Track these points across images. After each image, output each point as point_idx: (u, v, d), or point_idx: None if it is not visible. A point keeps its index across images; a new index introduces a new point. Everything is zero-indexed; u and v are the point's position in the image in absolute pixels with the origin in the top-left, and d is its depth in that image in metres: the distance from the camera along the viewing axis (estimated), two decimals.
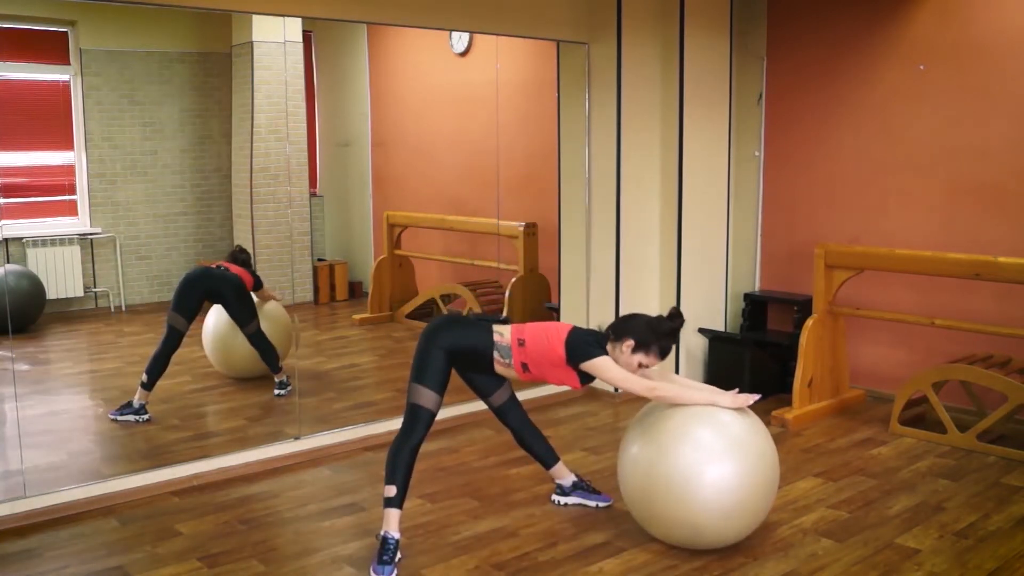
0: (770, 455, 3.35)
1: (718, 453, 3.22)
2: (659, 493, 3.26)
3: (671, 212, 5.55)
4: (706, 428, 3.27)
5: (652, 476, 3.27)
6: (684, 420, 3.30)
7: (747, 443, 3.28)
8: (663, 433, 3.30)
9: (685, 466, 3.20)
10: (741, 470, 3.22)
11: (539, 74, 6.42)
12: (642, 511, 3.40)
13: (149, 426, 4.81)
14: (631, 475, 3.39)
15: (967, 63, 4.97)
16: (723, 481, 3.19)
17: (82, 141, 5.68)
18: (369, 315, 7.29)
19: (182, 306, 4.94)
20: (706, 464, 3.19)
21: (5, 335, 4.87)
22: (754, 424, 3.38)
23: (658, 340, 3.36)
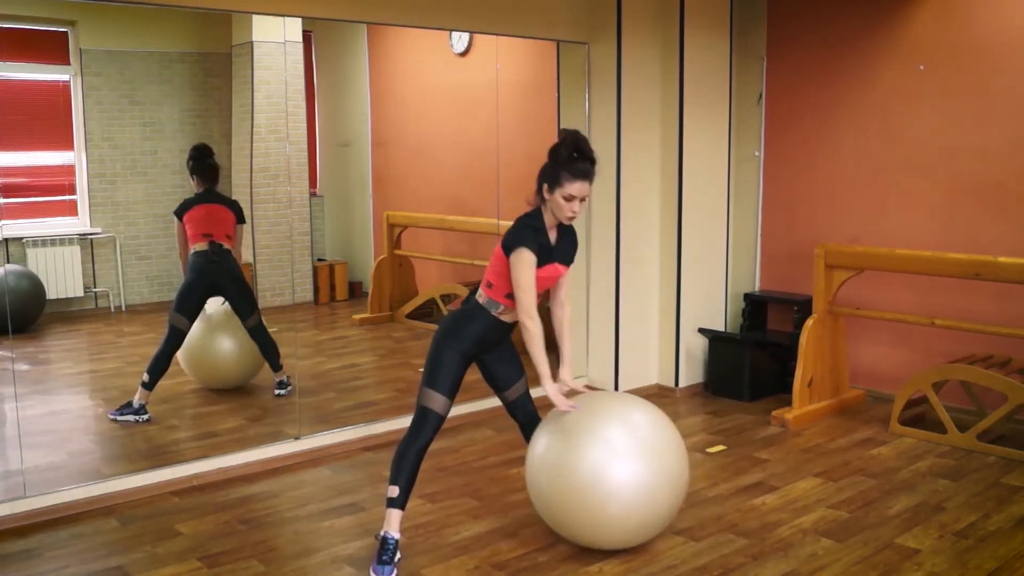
0: (677, 455, 3.33)
1: (626, 453, 3.20)
2: (566, 492, 3.23)
3: (671, 212, 5.55)
4: (617, 427, 3.26)
5: (560, 475, 3.23)
6: (593, 419, 3.28)
7: (654, 443, 3.27)
8: (570, 432, 3.27)
9: (592, 465, 3.18)
10: (648, 470, 3.21)
11: (539, 74, 6.42)
12: (549, 510, 3.34)
13: (149, 426, 4.81)
14: (537, 474, 3.33)
15: (967, 63, 4.97)
16: (630, 480, 3.18)
17: (82, 141, 5.67)
18: (369, 315, 7.29)
19: (185, 306, 4.94)
20: (613, 463, 3.17)
21: (5, 335, 4.86)
22: (662, 424, 3.37)
23: (562, 166, 3.16)
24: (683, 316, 5.62)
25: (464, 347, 3.34)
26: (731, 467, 4.37)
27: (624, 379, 5.59)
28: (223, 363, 5.26)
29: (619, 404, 3.46)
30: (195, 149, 5.16)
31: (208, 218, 5.09)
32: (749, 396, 5.51)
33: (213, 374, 5.32)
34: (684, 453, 3.39)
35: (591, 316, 5.62)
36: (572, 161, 3.16)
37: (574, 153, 3.16)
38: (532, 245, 3.20)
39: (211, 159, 5.15)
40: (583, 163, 3.16)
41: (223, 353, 5.23)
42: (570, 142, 3.18)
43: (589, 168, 3.18)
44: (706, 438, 4.84)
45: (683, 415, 5.29)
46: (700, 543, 3.51)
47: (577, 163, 3.16)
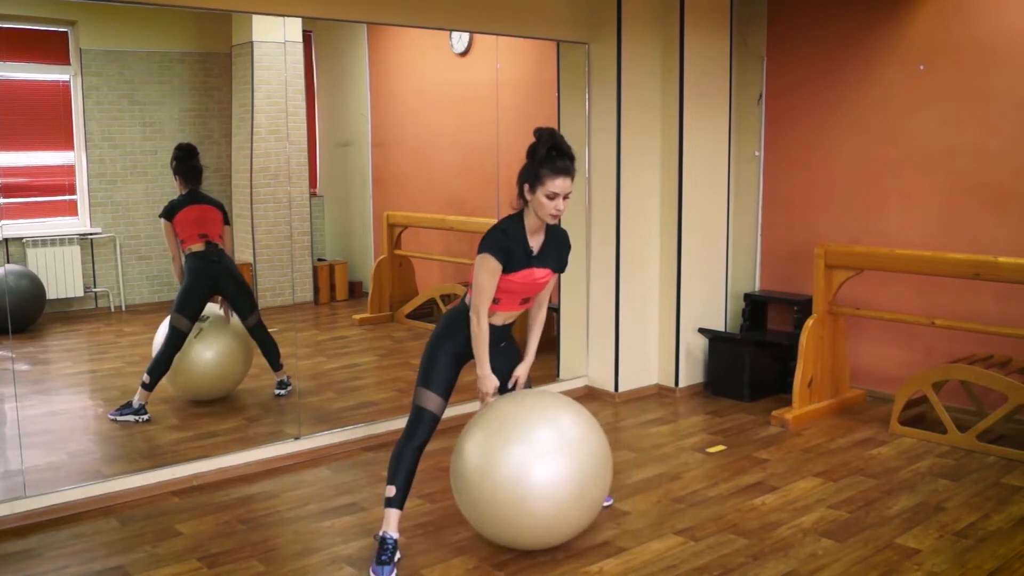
0: (600, 452, 3.33)
1: (549, 451, 3.18)
2: (489, 490, 3.20)
3: (671, 212, 5.55)
4: (544, 427, 3.24)
5: (484, 473, 3.21)
6: (519, 417, 3.26)
7: (576, 441, 3.25)
8: (496, 430, 3.25)
9: (516, 464, 3.16)
10: (571, 467, 3.19)
11: (539, 74, 6.41)
12: (473, 509, 3.31)
13: (149, 426, 4.81)
14: (463, 472, 3.30)
15: (967, 63, 4.97)
16: (553, 478, 3.17)
17: (82, 141, 5.67)
18: (369, 315, 7.29)
19: (186, 307, 4.93)
20: (536, 461, 3.16)
21: (5, 335, 4.86)
22: (586, 422, 3.36)
23: (540, 164, 3.14)
24: (683, 316, 5.62)
25: (457, 347, 3.36)
26: (731, 467, 4.37)
27: (624, 379, 5.59)
28: (203, 375, 5.08)
29: (547, 404, 3.38)
30: (180, 149, 5.11)
31: (201, 219, 5.08)
32: (749, 396, 5.51)
33: (193, 385, 5.12)
34: (608, 454, 3.38)
35: (591, 316, 5.62)
36: (551, 158, 3.13)
37: (552, 150, 3.14)
38: (495, 252, 3.19)
39: (196, 160, 5.11)
40: (562, 159, 3.15)
41: (203, 364, 5.05)
42: (547, 139, 3.15)
43: (569, 164, 3.17)
44: (706, 438, 4.84)
45: (683, 415, 5.29)
46: (700, 543, 3.51)
47: (556, 160, 3.14)
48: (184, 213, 5.03)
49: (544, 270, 3.33)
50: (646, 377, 5.73)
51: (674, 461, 4.47)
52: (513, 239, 3.24)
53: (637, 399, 5.60)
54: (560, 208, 3.19)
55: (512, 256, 3.22)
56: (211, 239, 5.07)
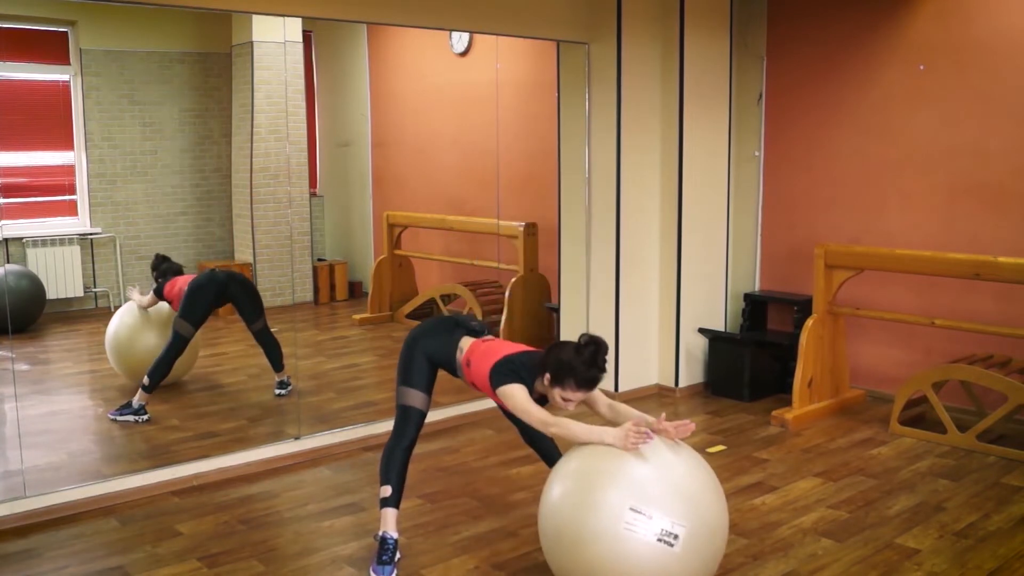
0: (716, 501, 2.86)
1: (655, 499, 2.70)
2: (585, 543, 2.74)
3: (671, 212, 5.55)
4: (645, 467, 2.78)
5: (576, 523, 2.77)
6: (615, 459, 2.82)
7: (692, 490, 2.79)
8: (590, 475, 2.83)
9: (613, 514, 2.69)
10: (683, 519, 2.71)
11: (539, 74, 6.42)
12: (565, 565, 2.86)
13: (149, 426, 4.81)
14: (551, 521, 2.89)
15: (967, 63, 4.97)
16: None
17: (82, 141, 5.67)
18: (369, 315, 7.29)
19: (191, 313, 4.93)
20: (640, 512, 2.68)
21: (5, 335, 4.87)
22: (698, 466, 2.90)
23: (572, 373, 3.01)
24: (683, 316, 5.62)
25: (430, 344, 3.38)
26: (731, 467, 4.37)
27: (624, 379, 5.59)
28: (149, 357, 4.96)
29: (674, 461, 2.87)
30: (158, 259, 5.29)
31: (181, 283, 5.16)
32: (749, 396, 5.51)
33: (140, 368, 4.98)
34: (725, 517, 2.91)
35: (591, 316, 5.62)
36: (586, 371, 3.02)
37: (590, 365, 3.03)
38: (513, 380, 3.11)
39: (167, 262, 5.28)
40: (595, 375, 3.05)
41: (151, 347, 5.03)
42: (590, 355, 3.02)
43: (599, 377, 3.07)
44: (706, 438, 4.84)
45: (683, 415, 5.29)
46: None
47: (589, 374, 3.04)
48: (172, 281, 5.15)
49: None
50: (646, 377, 5.73)
51: None
52: (528, 380, 3.14)
53: (637, 399, 5.59)
54: (570, 408, 3.11)
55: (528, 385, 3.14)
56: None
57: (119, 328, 5.20)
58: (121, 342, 5.19)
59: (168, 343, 4.88)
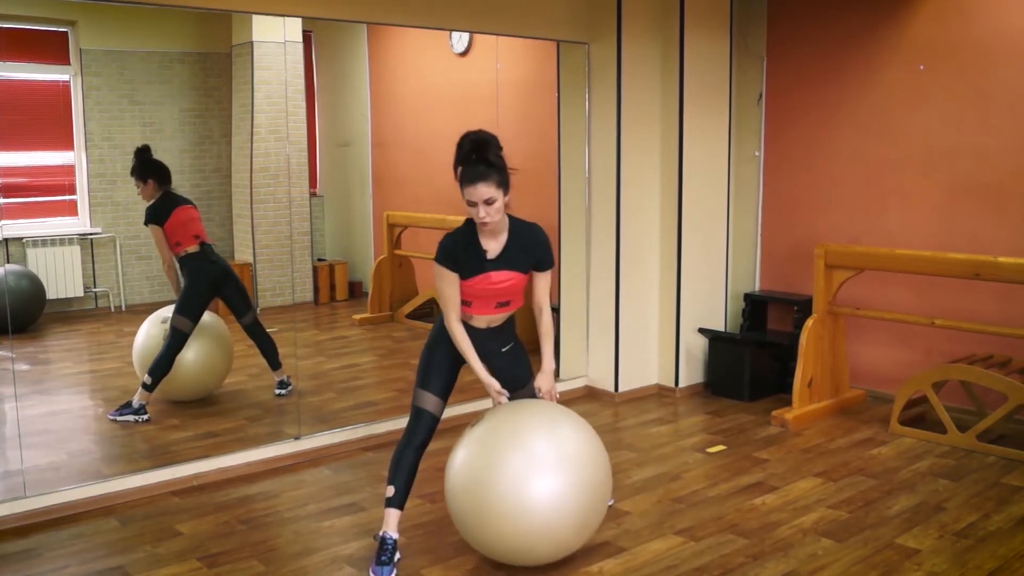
0: (601, 466, 3.23)
1: (549, 465, 3.06)
2: (486, 504, 3.08)
3: (671, 212, 5.55)
4: (541, 439, 3.12)
5: (479, 486, 3.09)
6: (517, 429, 3.16)
7: (577, 456, 3.14)
8: (492, 443, 3.15)
9: (512, 477, 3.03)
10: (569, 482, 3.08)
11: (539, 74, 6.42)
12: (467, 522, 3.18)
13: (149, 426, 4.81)
14: (456, 484, 3.19)
15: (967, 63, 4.97)
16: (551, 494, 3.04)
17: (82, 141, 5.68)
18: (369, 315, 7.29)
19: (188, 308, 4.92)
20: (534, 476, 3.04)
21: (5, 335, 4.87)
22: (587, 435, 3.25)
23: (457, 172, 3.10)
24: (683, 316, 5.62)
25: (453, 349, 3.34)
26: (731, 467, 4.37)
27: (624, 379, 5.59)
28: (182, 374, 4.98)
29: (546, 415, 3.26)
30: (142, 151, 4.98)
31: (191, 219, 5.02)
32: (749, 396, 5.51)
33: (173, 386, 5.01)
34: (608, 469, 3.28)
35: (591, 316, 5.62)
36: (465, 165, 3.07)
37: (466, 156, 3.07)
38: (443, 260, 3.18)
39: (157, 158, 5.00)
40: (473, 167, 3.05)
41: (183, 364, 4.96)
42: (466, 145, 3.08)
43: (483, 170, 3.05)
44: (706, 438, 4.84)
45: (683, 415, 5.29)
46: (700, 543, 3.51)
47: (468, 167, 3.06)
48: (175, 216, 4.94)
49: (505, 273, 3.23)
50: (646, 377, 5.73)
51: (674, 461, 4.47)
52: (463, 244, 3.19)
53: (637, 399, 5.60)
54: (483, 216, 3.10)
55: (461, 262, 3.17)
56: (204, 239, 5.07)
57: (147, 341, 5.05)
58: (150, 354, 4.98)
59: (167, 340, 4.87)
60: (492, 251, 3.23)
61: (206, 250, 5.05)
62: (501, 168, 3.11)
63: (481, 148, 3.08)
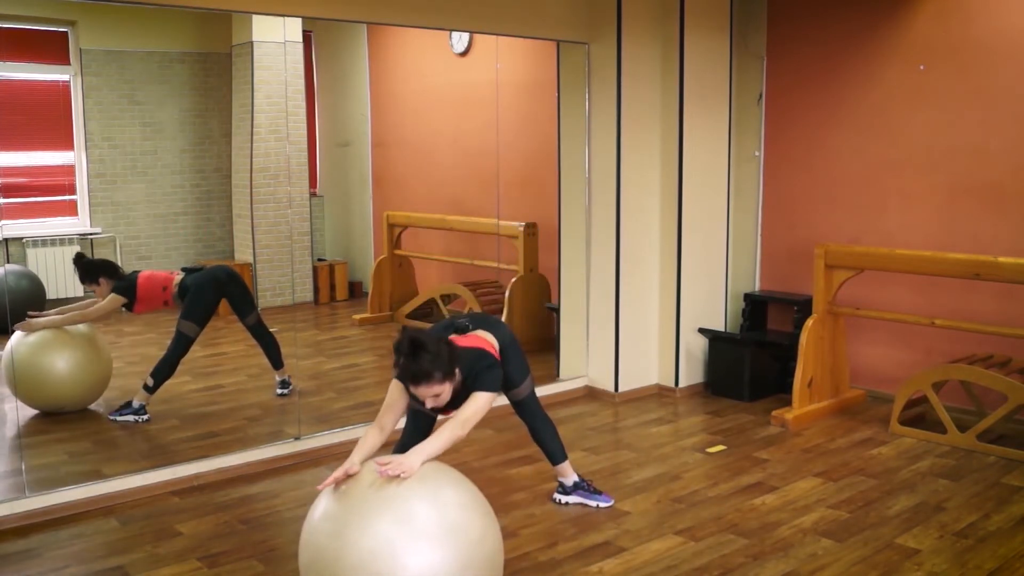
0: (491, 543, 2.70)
1: (427, 535, 2.53)
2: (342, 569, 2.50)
3: (671, 212, 5.55)
4: (421, 502, 2.59)
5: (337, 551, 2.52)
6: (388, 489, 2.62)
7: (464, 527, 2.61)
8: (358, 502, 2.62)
9: (381, 545, 2.48)
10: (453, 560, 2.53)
11: (539, 74, 6.42)
12: None
13: (149, 426, 4.81)
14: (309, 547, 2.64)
15: (967, 63, 4.97)
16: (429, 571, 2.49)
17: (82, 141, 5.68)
18: (369, 315, 7.29)
19: (195, 313, 4.92)
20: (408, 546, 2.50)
21: (5, 335, 4.86)
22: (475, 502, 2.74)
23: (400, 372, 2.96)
24: (683, 316, 5.62)
25: None
26: (731, 467, 4.38)
27: (624, 379, 5.59)
28: (56, 384, 4.78)
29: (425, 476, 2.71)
30: (76, 258, 4.97)
31: (155, 281, 4.99)
32: (749, 396, 5.51)
33: (43, 395, 4.80)
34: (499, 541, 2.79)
35: (591, 316, 5.62)
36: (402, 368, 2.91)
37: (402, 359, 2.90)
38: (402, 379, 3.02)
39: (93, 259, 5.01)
40: (407, 369, 2.90)
41: (56, 374, 4.76)
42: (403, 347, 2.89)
43: (419, 372, 2.88)
44: (706, 438, 4.84)
45: (683, 415, 5.29)
46: (700, 543, 3.51)
47: (407, 368, 2.90)
48: (140, 291, 4.94)
49: (448, 413, 3.17)
50: (646, 377, 5.74)
51: (674, 461, 4.47)
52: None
53: (637, 399, 5.60)
54: (430, 404, 3.01)
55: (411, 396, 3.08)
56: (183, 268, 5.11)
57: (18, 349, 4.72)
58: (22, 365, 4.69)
59: (173, 344, 4.88)
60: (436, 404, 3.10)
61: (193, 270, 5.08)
62: (442, 363, 2.92)
63: (419, 350, 2.89)
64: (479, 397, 3.11)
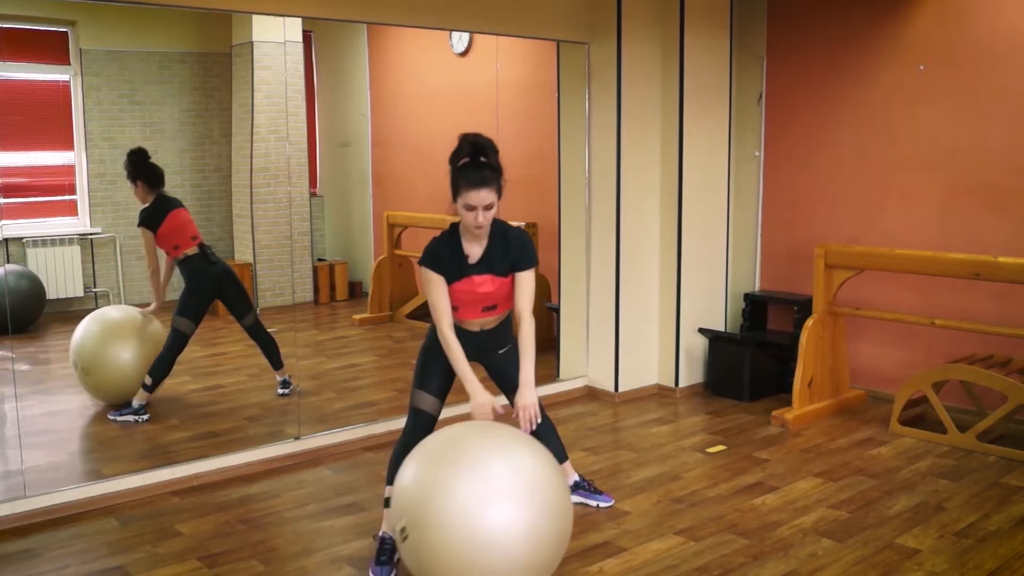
0: (562, 504, 2.87)
1: (507, 493, 2.72)
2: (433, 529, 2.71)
3: (671, 212, 5.55)
4: (500, 462, 2.79)
5: (427, 508, 2.72)
6: (476, 450, 2.84)
7: (541, 487, 2.80)
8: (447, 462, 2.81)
9: (465, 502, 2.68)
10: (529, 516, 2.73)
11: (539, 74, 6.42)
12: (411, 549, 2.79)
13: (149, 426, 4.81)
14: (403, 504, 2.83)
15: (967, 63, 4.97)
16: (509, 526, 2.69)
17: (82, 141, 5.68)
18: (369, 315, 7.29)
19: (189, 310, 4.92)
20: (491, 504, 2.69)
21: (5, 335, 4.87)
22: (550, 467, 2.92)
23: (458, 175, 3.00)
24: (683, 316, 5.62)
25: None
26: (731, 467, 4.37)
27: (624, 379, 5.59)
28: (120, 374, 4.89)
29: (506, 440, 2.93)
30: (136, 153, 4.94)
31: (186, 221, 4.99)
32: (749, 396, 5.51)
33: (108, 385, 4.93)
34: (568, 501, 2.95)
35: (591, 316, 5.62)
36: (467, 169, 2.99)
37: (470, 160, 3.00)
38: (430, 263, 3.12)
39: (152, 161, 4.95)
40: (478, 170, 2.98)
41: (122, 364, 4.88)
42: (467, 148, 3.00)
43: (487, 175, 2.98)
44: (706, 438, 4.84)
45: (683, 415, 5.29)
46: (700, 543, 3.51)
47: (472, 170, 2.98)
48: (170, 220, 4.91)
49: (486, 277, 3.18)
50: (646, 377, 5.73)
51: (674, 461, 4.47)
52: (446, 249, 3.14)
53: (637, 399, 5.60)
54: (480, 221, 3.03)
55: (445, 267, 3.13)
56: (201, 240, 5.06)
57: (84, 341, 4.89)
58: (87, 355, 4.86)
59: (168, 341, 4.88)
60: (473, 256, 3.18)
61: (205, 251, 5.04)
62: (500, 173, 3.06)
63: (483, 151, 3.01)
64: (530, 277, 3.23)
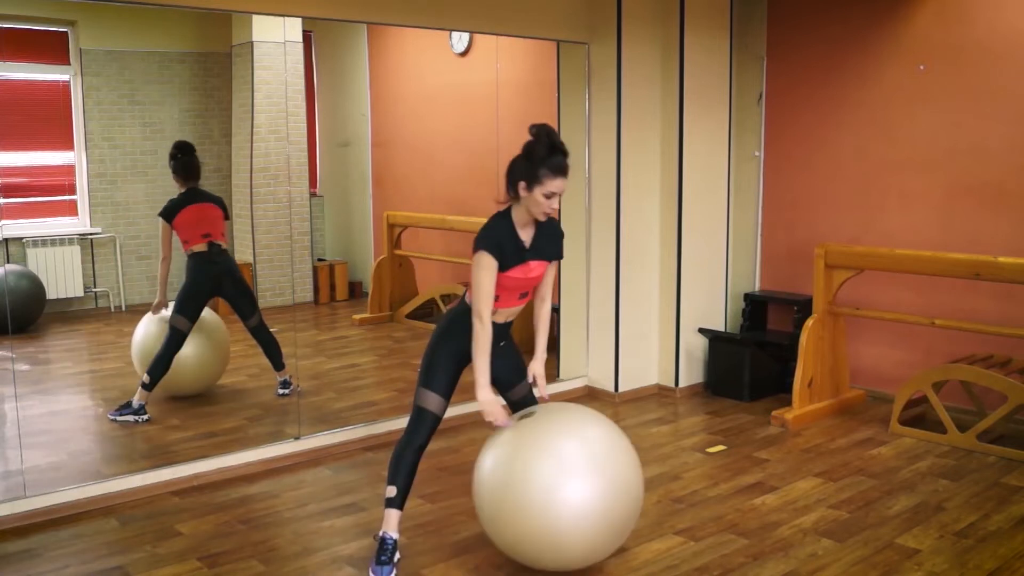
0: (632, 473, 3.14)
1: (578, 469, 3.00)
2: (513, 511, 3.02)
3: (671, 212, 5.55)
4: (570, 440, 3.07)
5: (507, 491, 3.03)
6: (545, 433, 3.11)
7: (608, 460, 3.06)
8: (520, 446, 3.08)
9: (542, 482, 2.97)
10: (601, 488, 3.00)
11: (539, 74, 6.42)
12: (497, 529, 3.13)
13: (149, 426, 4.81)
14: (485, 491, 3.13)
15: (967, 63, 4.97)
16: (582, 499, 2.97)
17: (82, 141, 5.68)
18: (369, 315, 7.29)
19: (186, 308, 4.93)
20: (565, 480, 2.97)
21: (5, 335, 4.87)
22: (618, 440, 3.17)
23: (540, 164, 3.12)
24: (683, 316, 5.62)
25: (458, 347, 3.33)
26: (731, 467, 4.37)
27: (624, 379, 5.59)
28: (182, 369, 5.00)
29: (573, 418, 3.22)
30: (177, 147, 5.03)
31: (203, 218, 5.04)
32: (749, 396, 5.51)
33: (169, 379, 4.98)
34: (638, 469, 3.20)
35: (591, 316, 5.62)
36: (551, 157, 3.13)
37: (552, 149, 3.13)
38: (492, 248, 3.18)
39: (194, 156, 5.03)
40: (561, 158, 3.14)
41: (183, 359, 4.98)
42: (545, 139, 3.14)
43: (567, 163, 3.16)
44: (706, 438, 4.84)
45: (683, 415, 5.29)
46: (700, 543, 3.51)
47: (555, 159, 3.13)
48: (185, 213, 4.97)
49: (539, 262, 3.32)
50: (646, 377, 5.73)
51: (674, 461, 4.47)
52: (506, 235, 3.24)
53: (637, 399, 5.60)
54: (555, 207, 3.20)
55: (505, 252, 3.21)
56: (214, 239, 5.06)
57: (146, 335, 5.09)
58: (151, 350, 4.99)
59: (166, 339, 4.87)
60: (527, 241, 3.28)
61: (213, 250, 5.05)
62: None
63: (560, 140, 3.18)
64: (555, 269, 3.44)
